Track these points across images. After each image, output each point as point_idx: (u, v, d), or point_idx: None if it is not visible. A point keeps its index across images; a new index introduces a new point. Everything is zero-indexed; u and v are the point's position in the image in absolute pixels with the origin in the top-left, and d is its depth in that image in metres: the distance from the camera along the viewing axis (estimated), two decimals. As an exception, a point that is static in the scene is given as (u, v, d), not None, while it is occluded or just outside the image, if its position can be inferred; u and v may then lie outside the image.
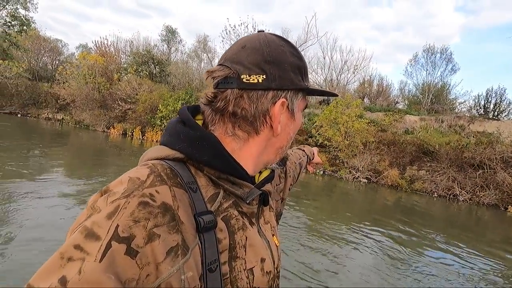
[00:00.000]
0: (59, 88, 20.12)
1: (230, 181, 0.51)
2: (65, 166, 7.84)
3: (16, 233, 3.61)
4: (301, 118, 0.59)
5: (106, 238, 0.36)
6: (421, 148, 11.48)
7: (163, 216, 0.41)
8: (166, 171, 0.46)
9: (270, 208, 0.65)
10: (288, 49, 0.54)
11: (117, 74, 19.96)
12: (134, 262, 0.37)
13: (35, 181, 5.85)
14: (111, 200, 0.40)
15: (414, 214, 7.78)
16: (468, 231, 6.83)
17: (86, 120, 19.02)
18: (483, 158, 9.94)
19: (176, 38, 26.74)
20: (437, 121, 15.21)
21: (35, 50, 27.55)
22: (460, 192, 9.77)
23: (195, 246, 0.43)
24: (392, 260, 4.37)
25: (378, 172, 11.18)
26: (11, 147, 9.21)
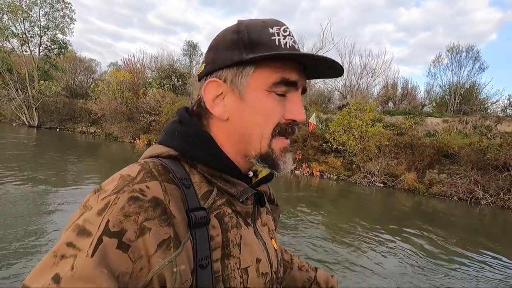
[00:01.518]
0: (91, 104, 21.85)
1: (224, 179, 0.51)
2: (97, 175, 8.43)
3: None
4: (265, 99, 0.49)
5: (97, 233, 0.37)
6: (441, 150, 11.10)
7: (154, 210, 0.41)
8: (158, 168, 0.46)
9: (267, 211, 0.64)
10: (231, 29, 0.51)
11: (143, 88, 21.29)
12: (126, 256, 0.37)
13: (71, 188, 6.32)
14: (101, 197, 0.41)
15: (434, 219, 7.50)
16: (494, 237, 6.48)
17: (115, 132, 20.43)
18: (508, 159, 9.43)
19: (197, 52, 28.02)
20: (461, 123, 14.56)
21: (72, 69, 30.12)
22: (483, 195, 9.32)
23: (187, 240, 0.43)
24: (413, 267, 4.26)
25: (394, 176, 10.96)
26: (52, 158, 10.18)
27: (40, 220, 4.35)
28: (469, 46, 21.35)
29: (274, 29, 0.50)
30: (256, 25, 0.50)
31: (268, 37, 0.49)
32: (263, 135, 0.50)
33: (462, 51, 21.50)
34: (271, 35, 0.49)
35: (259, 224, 0.58)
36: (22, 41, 23.38)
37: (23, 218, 4.33)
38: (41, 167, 8.07)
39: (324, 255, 4.33)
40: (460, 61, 21.53)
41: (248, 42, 0.49)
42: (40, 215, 4.56)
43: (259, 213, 0.59)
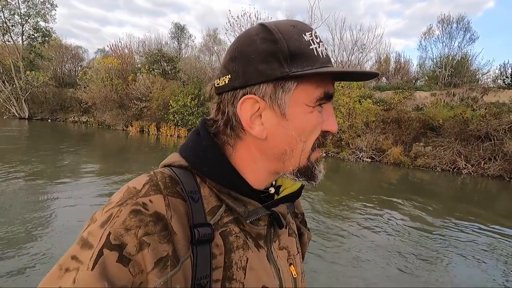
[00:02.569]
0: (81, 93, 21.64)
1: (232, 196, 0.48)
2: (93, 166, 8.37)
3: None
4: (308, 114, 0.47)
5: (98, 246, 0.37)
6: (426, 124, 11.35)
7: (155, 225, 0.40)
8: (165, 180, 0.45)
9: (291, 232, 0.59)
10: (261, 36, 0.46)
11: (132, 75, 21.04)
12: (126, 270, 0.37)
13: (67, 181, 6.21)
14: (106, 210, 0.41)
15: (420, 190, 7.81)
16: (476, 204, 6.77)
17: (107, 120, 20.43)
18: (489, 129, 9.71)
19: (186, 34, 27.44)
20: (449, 95, 14.74)
21: (59, 58, 29.47)
22: (464, 165, 9.68)
23: (187, 258, 0.42)
24: (403, 235, 4.42)
25: (382, 151, 11.26)
26: (45, 150, 10.17)
27: (36, 215, 4.29)
28: (459, 17, 21.07)
29: (307, 35, 0.47)
30: (290, 32, 0.46)
31: (306, 46, 0.46)
32: (304, 150, 0.48)
33: (453, 22, 21.28)
34: (308, 44, 0.46)
35: (275, 247, 0.54)
36: (3, 31, 22.75)
37: (18, 212, 4.30)
38: (35, 160, 8.08)
39: (315, 225, 4.60)
40: (450, 32, 21.35)
41: (289, 54, 0.44)
42: (36, 209, 4.50)
43: (276, 235, 0.55)
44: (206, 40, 24.87)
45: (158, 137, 16.80)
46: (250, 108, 0.47)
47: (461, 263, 3.75)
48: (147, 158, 10.18)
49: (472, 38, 20.81)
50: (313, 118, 0.47)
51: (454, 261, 3.80)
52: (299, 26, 0.48)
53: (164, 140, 15.75)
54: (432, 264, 3.68)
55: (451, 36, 21.17)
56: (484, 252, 4.06)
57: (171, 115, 17.10)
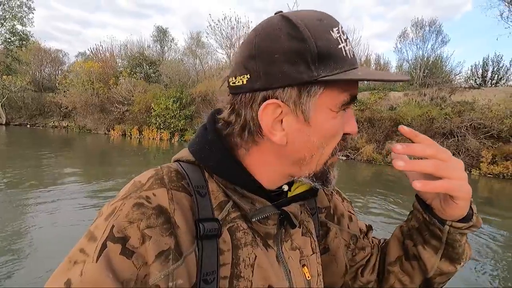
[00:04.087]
0: (60, 97, 21.33)
1: (238, 193, 0.47)
2: (76, 170, 8.23)
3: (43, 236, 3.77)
4: (332, 120, 0.44)
5: (102, 238, 0.38)
6: (397, 122, 11.98)
7: (157, 218, 0.40)
8: (170, 174, 0.45)
9: (305, 232, 0.57)
10: (286, 31, 0.41)
11: (113, 78, 20.94)
12: (130, 262, 0.37)
13: (48, 188, 5.99)
14: (111, 203, 0.41)
15: (389, 184, 8.33)
16: None
17: (88, 124, 20.25)
18: (452, 127, 10.40)
19: (168, 37, 27.46)
20: (420, 95, 15.53)
21: (37, 62, 28.86)
22: (430, 160, 10.34)
23: (191, 253, 0.41)
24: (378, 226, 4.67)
25: (356, 149, 11.80)
26: (24, 157, 9.81)
27: (19, 224, 4.16)
28: (431, 20, 22.19)
29: (335, 32, 0.42)
30: (318, 28, 0.41)
31: (335, 45, 0.42)
32: (323, 155, 0.46)
33: (426, 25, 22.35)
34: (336, 43, 0.42)
35: (286, 247, 0.52)
36: (-22, 34, 22.14)
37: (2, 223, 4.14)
38: (13, 167, 7.94)
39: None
40: (424, 35, 22.42)
41: (317, 55, 0.40)
42: (18, 218, 4.38)
43: (288, 235, 0.53)
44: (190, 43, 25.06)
45: (141, 141, 16.83)
46: (272, 113, 0.43)
47: None
48: (131, 162, 10.23)
49: (444, 41, 21.92)
50: (336, 124, 0.45)
51: None
52: (326, 20, 0.43)
53: (146, 143, 15.81)
54: None
55: (424, 39, 22.27)
56: None
57: (153, 118, 17.18)
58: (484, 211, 6.01)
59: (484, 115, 10.43)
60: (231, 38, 18.36)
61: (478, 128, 10.39)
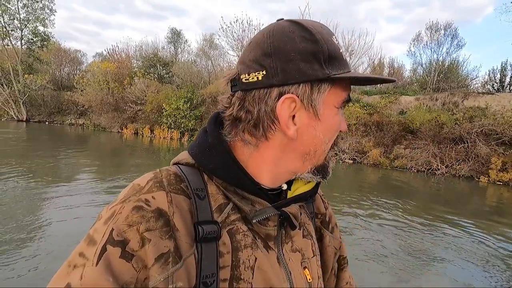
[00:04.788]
0: (77, 96, 22.14)
1: (239, 195, 0.48)
2: (89, 168, 8.50)
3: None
4: (335, 116, 0.48)
5: (101, 242, 0.38)
6: (406, 127, 11.87)
7: (156, 221, 0.40)
8: (169, 177, 0.45)
9: (306, 234, 0.57)
10: (299, 34, 0.45)
11: (128, 78, 21.58)
12: (130, 265, 0.37)
13: (63, 184, 6.28)
14: (110, 207, 0.42)
15: (397, 189, 8.20)
16: (450, 203, 7.09)
17: (102, 123, 20.92)
18: (462, 133, 10.23)
19: (182, 39, 28.03)
20: (432, 100, 15.29)
21: (57, 62, 30.02)
22: (437, 166, 10.18)
23: (190, 255, 0.41)
24: (382, 232, 4.59)
25: (363, 153, 11.76)
26: (42, 153, 10.31)
27: (34, 218, 4.31)
28: (447, 24, 21.79)
29: (334, 38, 0.47)
30: (325, 33, 0.46)
31: (338, 50, 0.47)
32: (325, 149, 0.50)
33: (441, 28, 21.96)
34: (338, 48, 0.47)
35: (287, 249, 0.52)
36: (3, 35, 23.29)
37: (17, 215, 4.36)
38: (32, 163, 8.20)
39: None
40: (438, 38, 22.02)
41: (328, 56, 0.45)
42: (34, 212, 4.54)
43: (288, 236, 0.53)
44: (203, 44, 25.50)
45: (152, 139, 17.28)
46: (287, 108, 0.45)
47: (441, 261, 3.87)
48: (142, 160, 10.52)
49: (460, 45, 21.45)
50: (338, 120, 0.49)
51: (435, 259, 3.89)
52: (326, 29, 0.48)
53: (157, 142, 16.21)
54: (417, 263, 3.77)
55: (439, 43, 21.87)
56: (461, 249, 4.23)
57: (164, 118, 17.60)
58: (493, 219, 5.91)
59: (496, 121, 10.20)
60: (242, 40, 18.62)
61: (489, 134, 10.18)
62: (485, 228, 5.24)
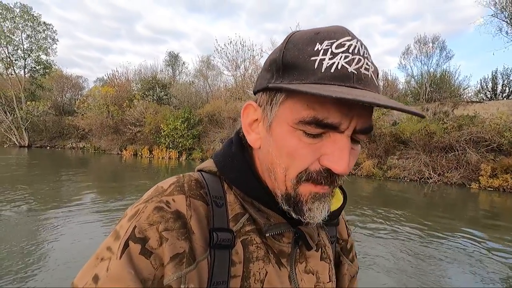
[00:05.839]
0: (78, 120, 22.67)
1: (255, 206, 0.48)
2: (89, 191, 8.52)
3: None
4: (287, 135, 0.41)
5: (124, 237, 0.40)
6: (398, 138, 12.12)
7: (174, 222, 0.42)
8: (190, 183, 0.47)
9: (324, 257, 0.54)
10: (280, 46, 0.44)
11: (127, 101, 22.17)
12: (148, 262, 0.39)
13: (66, 206, 6.30)
14: (135, 205, 0.44)
15: (391, 199, 8.32)
16: (445, 210, 7.12)
17: (102, 145, 21.30)
18: (451, 141, 10.45)
19: (179, 61, 28.97)
20: (423, 110, 15.63)
21: (59, 88, 30.89)
22: (429, 174, 10.34)
23: (203, 259, 0.42)
24: (384, 248, 4.49)
25: (357, 164, 11.94)
26: (43, 177, 10.38)
27: (36, 243, 4.30)
28: (434, 37, 22.57)
29: (324, 44, 0.39)
30: (301, 40, 0.41)
31: (307, 57, 0.39)
32: (287, 176, 0.43)
33: (429, 41, 22.72)
34: (312, 55, 0.39)
35: (300, 269, 0.50)
36: (7, 65, 24.19)
37: (20, 241, 4.32)
38: (33, 188, 8.27)
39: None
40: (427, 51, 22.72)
41: (282, 64, 0.41)
42: (36, 238, 4.53)
43: (303, 256, 0.51)
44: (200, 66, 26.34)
45: (151, 160, 17.52)
46: (249, 114, 0.47)
47: (441, 267, 3.91)
48: (142, 180, 10.58)
49: (448, 56, 22.17)
50: (292, 142, 0.41)
51: (435, 267, 3.92)
52: (324, 34, 0.40)
53: (156, 162, 16.44)
54: (416, 271, 3.78)
55: (428, 55, 22.55)
56: (459, 255, 4.26)
57: (162, 138, 17.96)
58: (489, 224, 5.98)
59: (483, 129, 10.45)
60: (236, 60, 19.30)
61: (478, 142, 10.39)
62: (482, 232, 5.32)
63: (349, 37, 0.40)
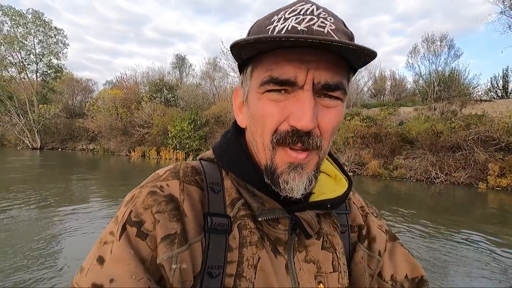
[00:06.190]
0: (87, 122, 23.17)
1: (249, 191, 0.48)
2: (99, 190, 8.73)
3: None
4: (257, 101, 0.43)
5: (122, 221, 0.42)
6: (404, 137, 12.03)
7: (167, 204, 0.43)
8: (186, 170, 0.48)
9: (327, 246, 0.51)
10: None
11: (135, 103, 22.56)
12: (145, 243, 0.41)
13: (76, 207, 6.41)
14: (132, 191, 0.46)
15: (399, 199, 8.22)
16: (452, 211, 7.00)
17: (111, 147, 21.70)
18: (459, 140, 10.33)
19: (186, 64, 29.29)
20: (430, 109, 15.46)
21: (70, 91, 31.59)
22: (436, 174, 10.24)
23: (196, 242, 0.43)
24: None
25: (362, 165, 11.91)
26: (55, 178, 10.67)
27: (49, 243, 4.39)
28: (442, 35, 22.28)
29: (279, 14, 0.41)
30: (263, 18, 0.44)
31: (263, 29, 0.42)
32: (264, 143, 0.44)
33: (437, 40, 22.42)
34: (268, 25, 0.42)
35: (300, 258, 0.48)
36: (20, 69, 24.93)
37: (33, 241, 4.40)
38: (46, 188, 8.40)
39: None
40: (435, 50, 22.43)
41: (250, 31, 0.44)
42: (48, 237, 4.63)
43: (302, 245, 0.49)
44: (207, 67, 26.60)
45: (158, 161, 17.78)
46: (237, 98, 0.50)
47: (451, 267, 3.90)
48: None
49: (457, 54, 21.83)
50: (260, 106, 0.43)
51: (441, 266, 3.90)
52: (282, 7, 0.44)
53: (164, 163, 16.66)
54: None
55: (436, 53, 22.25)
56: (470, 258, 4.17)
57: (169, 139, 18.22)
58: (499, 224, 5.87)
59: (492, 128, 10.30)
60: (242, 62, 19.35)
61: (486, 141, 10.25)
62: (492, 233, 5.21)
63: (303, 2, 0.42)
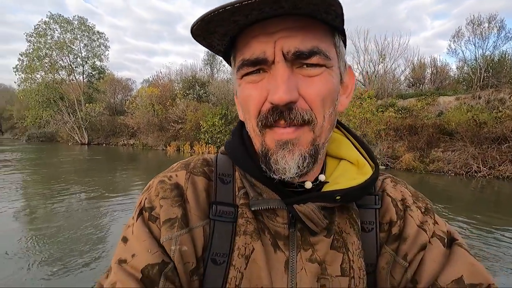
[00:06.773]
0: (128, 119, 24.84)
1: (249, 181, 0.48)
2: (139, 182, 9.35)
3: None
4: (240, 85, 0.44)
5: (139, 207, 0.48)
6: (442, 129, 11.33)
7: (171, 191, 0.48)
8: (197, 162, 0.52)
9: (338, 246, 0.45)
10: None
11: (170, 100, 23.68)
12: (155, 225, 0.46)
13: (120, 196, 7.06)
14: (149, 182, 0.52)
15: (436, 194, 7.75)
16: (498, 208, 6.50)
17: (149, 142, 23.08)
18: (505, 131, 9.53)
19: (217, 60, 29.95)
20: (474, 98, 14.28)
21: (112, 90, 33.93)
22: (478, 167, 9.57)
23: (198, 227, 0.46)
24: None
25: (396, 158, 11.46)
26: (101, 170, 11.70)
27: (97, 227, 4.85)
28: (491, 16, 20.28)
29: None
30: None
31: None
32: (253, 129, 0.44)
33: (484, 21, 20.47)
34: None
35: (304, 257, 0.44)
36: (69, 72, 27.37)
37: (82, 225, 4.86)
38: (94, 180, 9.29)
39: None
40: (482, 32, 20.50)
41: None
42: (99, 224, 5.06)
43: (307, 242, 0.45)
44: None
45: (192, 155, 18.54)
46: (236, 87, 0.49)
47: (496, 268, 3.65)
48: None
49: (508, 36, 19.76)
50: (242, 92, 0.44)
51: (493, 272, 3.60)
52: None
53: (196, 157, 17.41)
54: None
55: (484, 37, 20.32)
56: None
57: (202, 134, 18.95)
58: None
59: (546, 117, 9.35)
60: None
61: (538, 131, 9.34)
62: None
63: None
